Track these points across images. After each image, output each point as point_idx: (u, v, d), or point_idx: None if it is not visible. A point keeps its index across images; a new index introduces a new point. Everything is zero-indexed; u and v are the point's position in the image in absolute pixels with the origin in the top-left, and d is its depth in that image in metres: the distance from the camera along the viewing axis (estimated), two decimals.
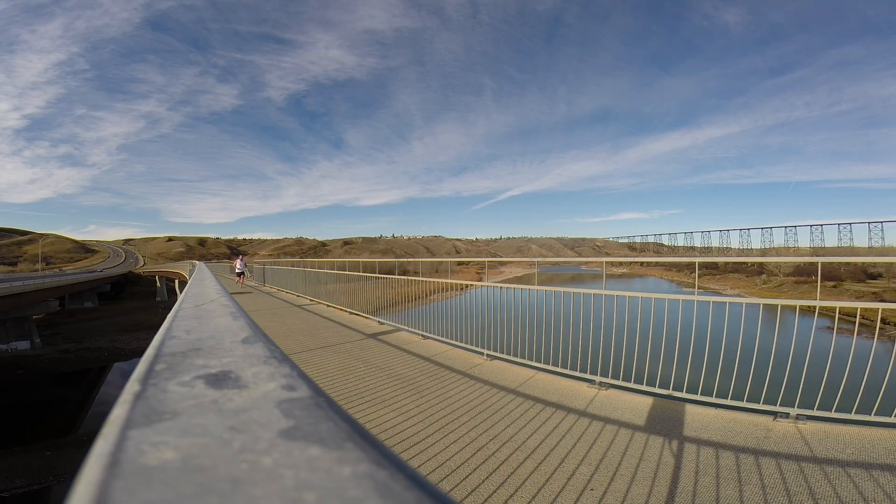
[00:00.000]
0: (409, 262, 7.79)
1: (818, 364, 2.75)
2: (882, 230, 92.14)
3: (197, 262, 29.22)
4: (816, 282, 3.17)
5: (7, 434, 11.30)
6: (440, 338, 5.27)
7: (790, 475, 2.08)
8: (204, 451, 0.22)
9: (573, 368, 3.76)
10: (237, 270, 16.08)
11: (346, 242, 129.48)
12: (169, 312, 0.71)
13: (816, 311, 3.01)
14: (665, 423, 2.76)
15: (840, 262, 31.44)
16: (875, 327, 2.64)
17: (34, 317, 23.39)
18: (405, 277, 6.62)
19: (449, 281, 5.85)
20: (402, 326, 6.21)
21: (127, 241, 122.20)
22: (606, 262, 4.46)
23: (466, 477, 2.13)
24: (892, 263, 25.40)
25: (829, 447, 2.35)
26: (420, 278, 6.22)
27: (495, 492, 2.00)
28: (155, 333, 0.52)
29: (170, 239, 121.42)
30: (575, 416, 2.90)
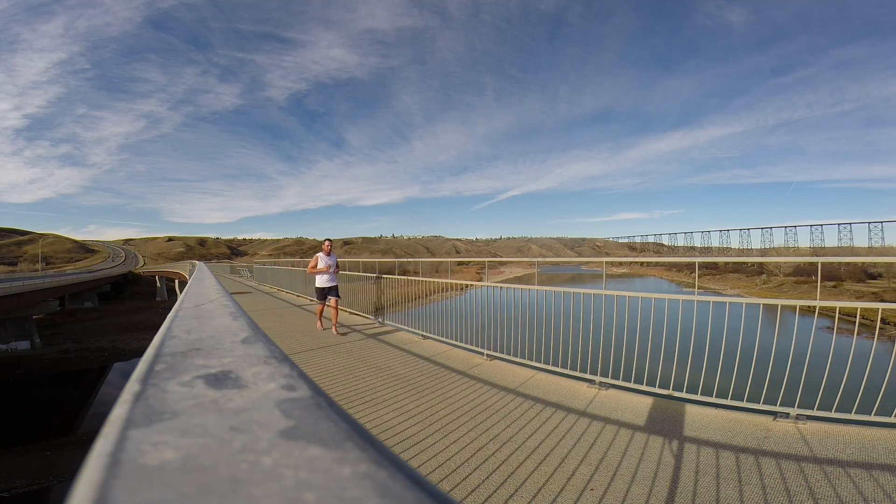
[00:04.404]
0: (409, 262, 7.78)
1: (818, 364, 2.75)
2: (882, 230, 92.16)
3: (197, 262, 29.22)
4: (816, 282, 3.17)
5: (7, 434, 11.30)
6: (440, 338, 5.27)
7: (790, 475, 2.08)
8: (204, 451, 0.22)
9: (573, 368, 3.76)
10: (322, 283, 6.01)
11: (346, 242, 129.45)
12: (169, 312, 0.71)
13: (816, 311, 3.01)
14: (665, 423, 2.76)
15: (840, 262, 31.40)
16: (875, 327, 2.64)
17: (34, 317, 23.39)
18: (405, 277, 6.62)
19: (449, 281, 5.85)
20: (402, 326, 6.21)
21: (127, 241, 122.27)
22: (606, 262, 4.45)
23: (466, 477, 2.13)
24: (892, 263, 25.39)
25: (829, 447, 2.35)
26: (420, 278, 6.22)
27: (495, 492, 2.00)
28: (155, 333, 0.52)
29: (170, 239, 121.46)
30: (575, 417, 2.90)
